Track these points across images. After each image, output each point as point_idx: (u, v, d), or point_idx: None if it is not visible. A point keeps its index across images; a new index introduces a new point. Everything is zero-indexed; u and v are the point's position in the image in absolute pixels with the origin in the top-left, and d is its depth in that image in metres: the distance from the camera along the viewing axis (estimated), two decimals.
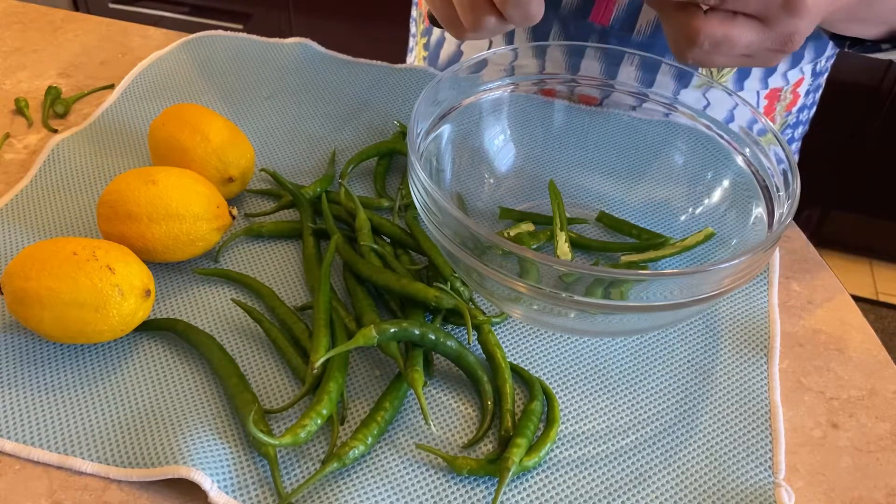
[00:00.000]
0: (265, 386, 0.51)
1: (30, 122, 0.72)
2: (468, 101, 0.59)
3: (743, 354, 0.55)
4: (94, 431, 0.47)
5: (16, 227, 0.60)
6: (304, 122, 0.73)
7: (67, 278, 0.48)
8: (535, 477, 0.47)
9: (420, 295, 0.51)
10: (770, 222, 0.52)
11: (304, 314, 0.55)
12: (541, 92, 0.62)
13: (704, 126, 0.59)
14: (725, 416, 0.51)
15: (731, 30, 0.44)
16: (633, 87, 0.61)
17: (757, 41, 0.45)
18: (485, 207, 0.62)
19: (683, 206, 0.62)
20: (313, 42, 0.84)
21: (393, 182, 0.67)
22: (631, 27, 0.68)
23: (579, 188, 0.65)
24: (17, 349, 0.52)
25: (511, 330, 0.55)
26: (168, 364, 0.51)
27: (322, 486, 0.45)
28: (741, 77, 0.71)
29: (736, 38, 0.45)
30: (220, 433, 0.47)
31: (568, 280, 0.43)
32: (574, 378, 0.52)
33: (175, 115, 0.61)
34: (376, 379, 0.51)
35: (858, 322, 0.58)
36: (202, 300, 0.56)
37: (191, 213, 0.54)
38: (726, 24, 0.44)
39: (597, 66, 0.66)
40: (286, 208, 0.63)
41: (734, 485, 0.47)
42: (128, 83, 0.77)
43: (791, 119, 0.79)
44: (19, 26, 0.87)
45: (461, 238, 0.46)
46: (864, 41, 0.61)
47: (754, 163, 0.55)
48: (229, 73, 0.79)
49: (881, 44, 0.60)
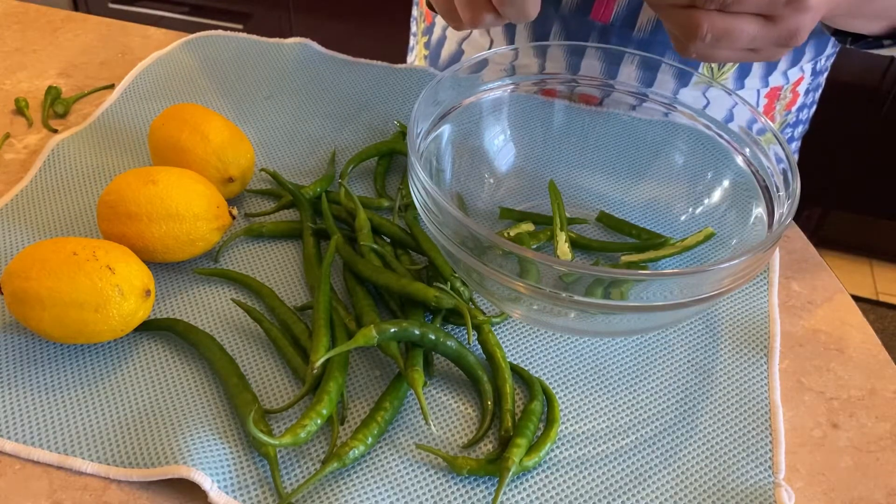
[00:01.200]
0: (265, 386, 0.51)
1: (30, 122, 0.72)
2: (468, 101, 0.59)
3: (743, 354, 0.55)
4: (94, 431, 0.47)
5: (16, 227, 0.61)
6: (304, 122, 0.73)
7: (67, 278, 0.48)
8: (535, 477, 0.47)
9: (420, 295, 0.51)
10: (770, 222, 0.52)
11: (304, 314, 0.55)
12: (541, 92, 0.62)
13: (704, 126, 0.59)
14: (725, 416, 0.51)
15: (734, 23, 0.44)
16: (632, 87, 0.61)
17: (761, 35, 0.45)
18: (485, 207, 0.62)
19: (683, 206, 0.62)
20: (313, 42, 0.84)
21: (393, 182, 0.67)
22: (632, 24, 0.68)
23: (579, 188, 0.65)
24: (17, 349, 0.52)
25: (511, 330, 0.55)
26: (168, 364, 0.51)
27: (322, 486, 0.45)
28: (741, 75, 0.71)
29: (739, 32, 0.44)
30: (220, 433, 0.47)
31: (568, 280, 0.43)
32: (574, 378, 0.52)
33: (175, 115, 0.61)
34: (376, 379, 0.51)
35: (858, 322, 0.58)
36: (202, 300, 0.56)
37: (191, 213, 0.54)
38: (729, 18, 0.44)
39: (597, 65, 0.66)
40: (286, 208, 0.63)
41: (734, 485, 0.47)
42: (128, 83, 0.77)
43: (791, 118, 0.79)
44: (19, 26, 0.87)
45: (461, 238, 0.46)
46: (866, 37, 0.61)
47: (754, 163, 0.55)
48: (229, 73, 0.79)
49: (883, 39, 0.60)
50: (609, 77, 0.63)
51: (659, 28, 0.68)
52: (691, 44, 0.45)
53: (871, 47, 0.61)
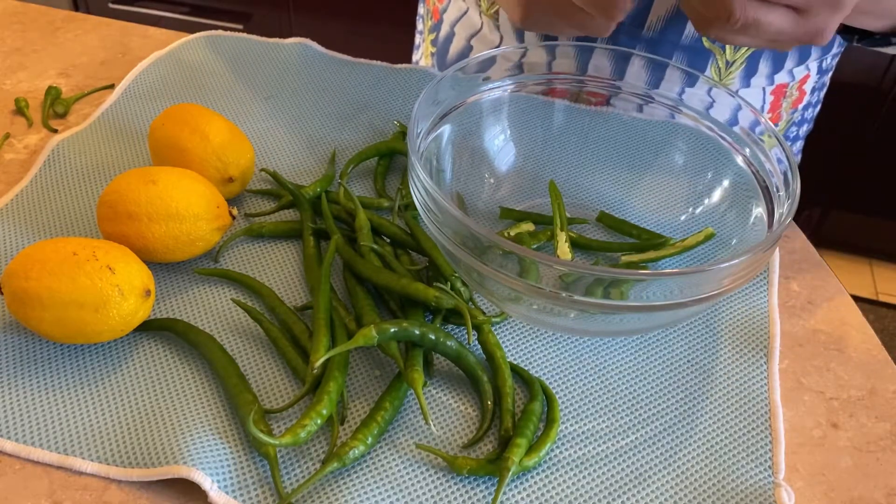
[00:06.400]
0: (265, 386, 0.51)
1: (30, 122, 0.72)
2: (468, 100, 0.59)
3: (743, 354, 0.55)
4: (94, 431, 0.47)
5: (16, 227, 0.60)
6: (304, 122, 0.73)
7: (67, 278, 0.48)
8: (535, 477, 0.47)
9: (420, 295, 0.51)
10: (770, 222, 0.52)
11: (304, 314, 0.55)
12: (547, 92, 0.62)
13: (705, 126, 0.59)
14: (725, 416, 0.51)
15: (766, 15, 0.43)
16: (638, 90, 0.61)
17: (789, 30, 0.44)
18: (485, 207, 0.62)
19: (683, 206, 0.62)
20: (313, 42, 0.84)
21: (393, 182, 0.67)
22: (641, 23, 0.68)
23: (579, 188, 0.65)
24: (17, 349, 0.52)
25: (511, 330, 0.55)
26: (168, 364, 0.51)
27: (322, 486, 0.45)
28: (748, 74, 0.71)
29: (767, 25, 0.43)
30: (220, 433, 0.47)
31: (568, 280, 0.43)
32: (574, 378, 0.52)
33: (175, 115, 0.61)
34: (376, 379, 0.51)
35: (858, 322, 0.58)
36: (202, 300, 0.56)
37: (191, 213, 0.54)
38: (763, 9, 0.43)
39: (606, 64, 0.66)
40: (286, 208, 0.63)
41: (734, 485, 0.47)
42: (128, 83, 0.77)
43: (797, 117, 0.79)
44: (19, 26, 0.87)
45: (461, 238, 0.46)
46: (873, 35, 0.61)
47: (754, 163, 0.55)
48: (229, 73, 0.79)
49: (891, 37, 0.60)
50: (617, 76, 0.63)
51: (668, 27, 0.68)
52: (716, 27, 0.44)
53: (877, 45, 0.61)
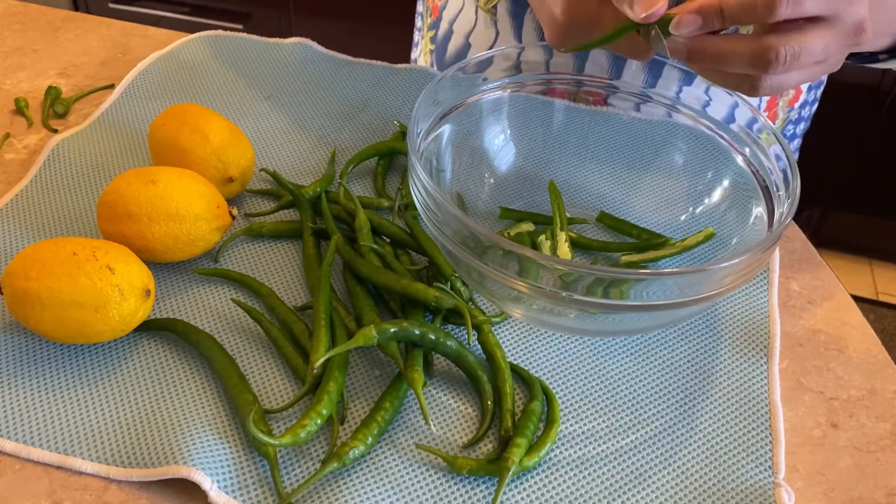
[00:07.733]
0: (265, 386, 0.51)
1: (30, 122, 0.72)
2: (468, 101, 0.59)
3: (743, 354, 0.55)
4: (94, 431, 0.47)
5: (16, 227, 0.60)
6: (304, 122, 0.73)
7: (67, 278, 0.48)
8: (535, 477, 0.47)
9: (420, 295, 0.51)
10: (770, 222, 0.52)
11: (304, 314, 0.55)
12: (546, 92, 0.62)
13: (705, 126, 0.59)
14: (725, 416, 0.51)
15: (804, 38, 0.43)
16: (636, 89, 0.61)
17: (832, 41, 0.44)
18: (485, 207, 0.62)
19: (683, 206, 0.62)
20: (313, 42, 0.84)
21: (393, 182, 0.67)
22: None
23: (579, 188, 0.65)
24: (17, 349, 0.52)
25: (511, 330, 0.55)
26: (168, 364, 0.51)
27: (322, 486, 0.45)
28: None
29: (811, 45, 0.43)
30: (220, 433, 0.47)
31: (568, 280, 0.43)
32: (574, 378, 0.52)
33: (175, 115, 0.61)
34: (376, 379, 0.51)
35: (858, 322, 0.58)
36: (202, 300, 0.56)
37: (191, 213, 0.54)
38: (798, 35, 0.43)
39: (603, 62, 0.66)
40: (286, 208, 0.63)
41: (734, 485, 0.47)
42: (128, 83, 0.77)
43: (793, 115, 0.79)
44: (19, 26, 0.87)
45: (461, 238, 0.46)
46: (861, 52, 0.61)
47: (754, 162, 0.55)
48: (229, 73, 0.79)
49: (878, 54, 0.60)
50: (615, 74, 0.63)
51: None
52: (767, 73, 0.44)
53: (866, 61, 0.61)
